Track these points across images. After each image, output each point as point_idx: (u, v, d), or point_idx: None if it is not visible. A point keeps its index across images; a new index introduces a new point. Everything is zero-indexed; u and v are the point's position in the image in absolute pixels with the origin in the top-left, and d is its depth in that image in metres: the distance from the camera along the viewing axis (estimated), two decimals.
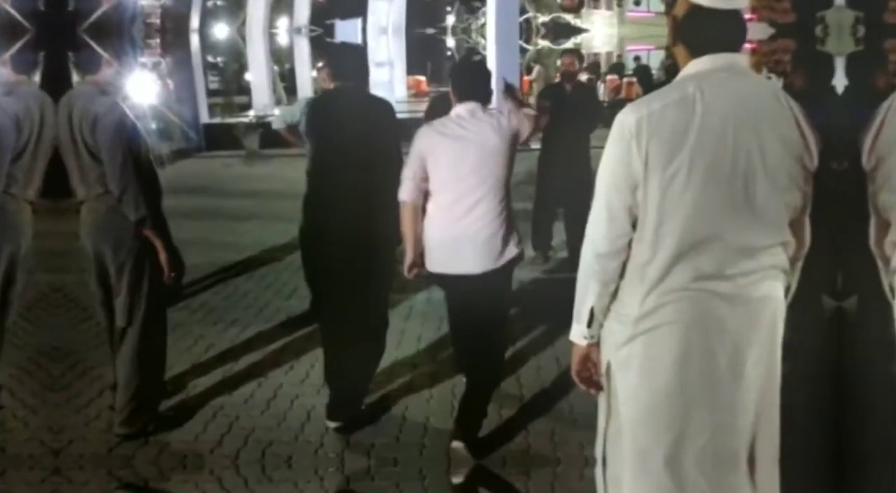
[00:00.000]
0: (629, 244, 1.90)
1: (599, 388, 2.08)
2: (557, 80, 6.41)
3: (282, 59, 23.79)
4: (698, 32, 1.86)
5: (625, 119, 1.84)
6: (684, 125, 1.78)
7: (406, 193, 3.20)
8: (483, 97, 3.28)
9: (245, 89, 20.78)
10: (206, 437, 3.44)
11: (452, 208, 3.17)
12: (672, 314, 1.86)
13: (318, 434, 3.43)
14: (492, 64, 15.60)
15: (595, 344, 2.03)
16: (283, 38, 22.96)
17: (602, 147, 1.93)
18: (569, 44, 33.87)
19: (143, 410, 3.41)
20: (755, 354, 1.89)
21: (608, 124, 1.92)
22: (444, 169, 3.16)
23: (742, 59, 1.91)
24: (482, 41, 31.27)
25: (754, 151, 1.79)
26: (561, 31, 31.85)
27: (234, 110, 18.18)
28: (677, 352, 1.87)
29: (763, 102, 1.83)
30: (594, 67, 27.06)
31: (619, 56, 25.42)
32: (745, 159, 1.79)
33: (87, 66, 3.36)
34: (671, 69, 2.26)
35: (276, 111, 15.27)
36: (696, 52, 1.86)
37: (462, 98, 3.24)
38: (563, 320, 2.10)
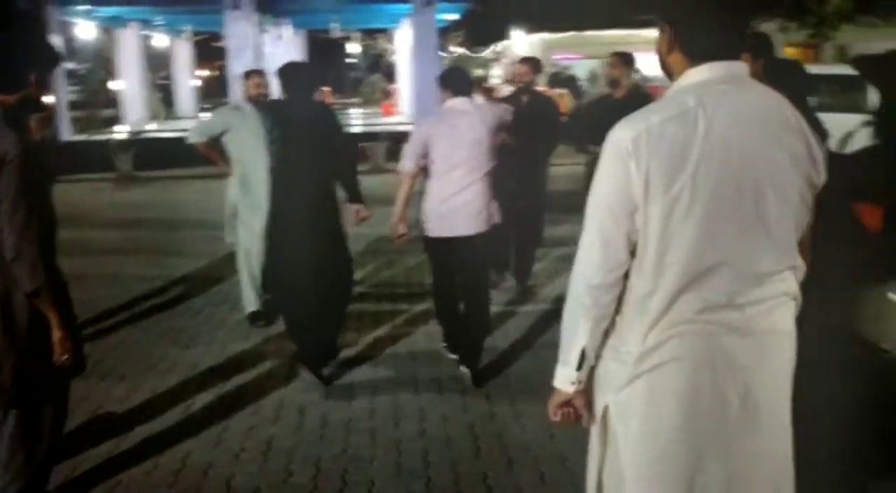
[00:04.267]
0: (625, 275, 1.94)
1: (579, 418, 2.10)
2: (510, 91, 6.46)
3: (157, 67, 23.28)
4: (699, 37, 1.92)
5: (620, 136, 1.87)
6: (685, 142, 1.82)
7: (406, 167, 4.56)
8: (469, 92, 4.69)
9: (113, 102, 20.30)
10: None
11: (450, 185, 4.46)
12: (677, 350, 1.90)
13: None
14: (406, 73, 15.70)
15: (582, 390, 2.06)
16: (160, 41, 22.57)
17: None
18: (488, 51, 34.78)
19: None
20: (770, 395, 1.94)
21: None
22: (443, 153, 4.45)
23: (744, 67, 1.97)
24: (389, 47, 31.64)
25: (762, 168, 1.86)
26: (479, 37, 32.70)
27: (98, 126, 17.71)
28: (684, 393, 1.91)
29: (769, 115, 1.90)
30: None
31: (567, 68, 26.89)
32: (752, 177, 1.85)
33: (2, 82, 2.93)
34: (593, 80, 2.36)
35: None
36: (695, 60, 1.92)
37: (455, 94, 4.58)
38: (541, 363, 2.12)
